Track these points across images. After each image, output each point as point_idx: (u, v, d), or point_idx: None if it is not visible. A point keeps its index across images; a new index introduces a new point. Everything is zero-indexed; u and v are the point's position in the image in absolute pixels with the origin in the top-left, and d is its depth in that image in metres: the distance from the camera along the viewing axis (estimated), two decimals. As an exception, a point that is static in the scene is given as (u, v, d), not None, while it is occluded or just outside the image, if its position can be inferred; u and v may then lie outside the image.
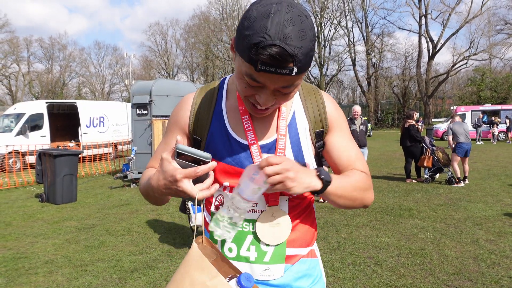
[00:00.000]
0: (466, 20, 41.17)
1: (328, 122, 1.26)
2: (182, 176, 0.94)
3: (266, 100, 1.03)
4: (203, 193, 0.97)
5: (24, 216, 7.10)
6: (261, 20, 0.91)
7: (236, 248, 1.21)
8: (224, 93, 1.27)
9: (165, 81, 11.48)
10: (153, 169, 1.25)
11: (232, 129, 1.21)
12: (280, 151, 1.19)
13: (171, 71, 58.61)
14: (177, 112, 1.30)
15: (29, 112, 15.07)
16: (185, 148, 0.95)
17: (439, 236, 5.35)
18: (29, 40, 54.27)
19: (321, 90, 1.33)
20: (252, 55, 0.92)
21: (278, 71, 0.93)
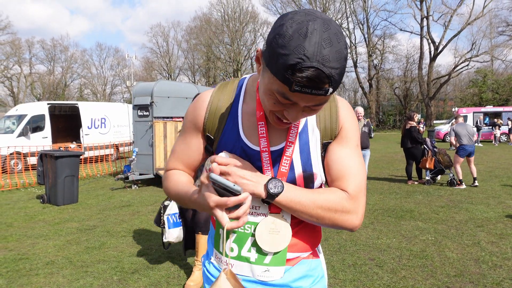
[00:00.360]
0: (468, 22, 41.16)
1: (337, 134, 1.22)
2: (214, 205, 1.01)
3: (295, 117, 1.01)
4: (231, 225, 1.02)
5: (25, 217, 7.11)
6: (298, 39, 0.88)
7: (237, 248, 1.22)
8: (242, 95, 1.26)
9: (167, 83, 11.50)
10: (181, 173, 1.35)
11: (245, 134, 1.21)
12: (286, 158, 1.18)
13: (172, 73, 58.69)
14: (193, 110, 1.30)
15: (31, 113, 15.09)
16: (217, 178, 0.99)
17: (441, 238, 5.34)
18: (31, 41, 54.44)
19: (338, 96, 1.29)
20: (288, 76, 0.89)
21: (313, 92, 0.91)
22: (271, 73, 0.94)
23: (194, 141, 1.31)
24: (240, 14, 52.11)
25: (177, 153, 1.36)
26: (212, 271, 1.34)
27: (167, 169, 1.38)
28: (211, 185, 1.02)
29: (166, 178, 1.35)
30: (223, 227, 1.01)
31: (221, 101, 1.26)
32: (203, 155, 1.33)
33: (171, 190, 1.29)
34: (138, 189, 9.94)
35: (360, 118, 8.97)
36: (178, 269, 4.41)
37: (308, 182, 1.21)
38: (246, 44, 53.61)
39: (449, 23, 42.44)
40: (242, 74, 52.00)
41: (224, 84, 1.31)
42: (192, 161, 1.34)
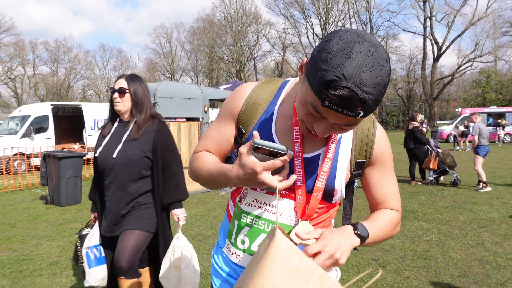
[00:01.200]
0: (471, 22, 41.04)
1: (372, 156, 1.27)
2: (261, 169, 1.00)
3: (323, 131, 1.03)
4: (283, 184, 1.03)
5: (29, 218, 7.12)
6: (340, 58, 0.89)
7: (248, 241, 1.25)
8: (282, 97, 1.27)
9: (170, 83, 11.49)
10: (213, 155, 1.34)
11: (277, 134, 1.23)
12: (323, 173, 1.20)
13: (175, 74, 58.77)
14: (232, 99, 1.32)
15: (34, 114, 15.13)
16: (262, 142, 1.00)
17: (444, 238, 5.32)
18: (34, 43, 54.59)
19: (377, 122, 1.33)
20: (322, 90, 0.91)
21: (344, 112, 0.92)
22: (308, 84, 0.97)
23: (227, 130, 1.33)
24: (243, 15, 52.14)
25: (209, 137, 1.36)
26: (220, 263, 1.38)
27: (197, 151, 1.38)
28: (252, 153, 1.02)
29: (196, 158, 1.33)
30: (275, 189, 1.01)
31: (260, 97, 1.28)
32: (232, 146, 1.35)
33: (203, 168, 1.26)
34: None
35: None
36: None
37: (327, 196, 1.23)
38: (249, 45, 53.64)
39: (452, 23, 42.33)
40: (245, 75, 52.05)
41: (268, 81, 1.33)
42: (222, 148, 1.35)
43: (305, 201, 1.21)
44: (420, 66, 45.84)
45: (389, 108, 51.58)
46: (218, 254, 1.42)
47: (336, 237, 1.08)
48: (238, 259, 1.28)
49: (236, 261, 1.30)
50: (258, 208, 1.25)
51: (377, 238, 1.23)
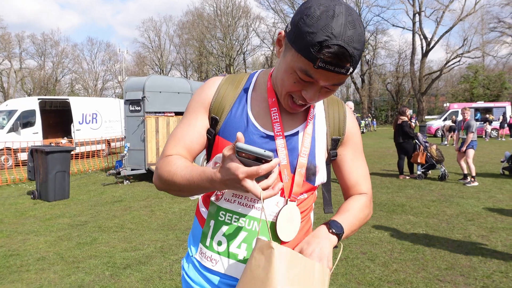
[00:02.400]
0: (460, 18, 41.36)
1: (345, 132, 1.30)
2: (244, 176, 0.91)
3: (313, 96, 1.07)
4: (267, 193, 0.94)
5: (16, 213, 7.05)
6: (325, 19, 0.95)
7: (226, 242, 1.18)
8: (253, 84, 1.28)
9: (158, 77, 11.42)
10: (185, 159, 1.18)
11: (254, 116, 1.21)
12: (305, 149, 1.20)
13: (164, 68, 58.42)
14: (201, 91, 1.29)
15: (21, 108, 14.94)
16: (244, 147, 0.90)
17: (432, 231, 5.37)
18: (21, 36, 53.78)
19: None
20: (313, 52, 0.96)
21: (336, 70, 0.98)
22: (295, 51, 1.00)
23: (198, 123, 1.25)
24: (233, 9, 51.92)
25: (178, 136, 1.25)
26: (192, 274, 1.28)
27: (166, 155, 1.22)
28: (236, 157, 0.93)
29: (168, 163, 1.16)
30: (259, 198, 0.92)
31: (230, 86, 1.27)
32: (205, 140, 1.26)
33: (177, 174, 1.10)
34: (130, 184, 9.89)
35: None
36: (171, 264, 4.40)
37: (309, 174, 1.22)
38: (238, 39, 53.47)
39: (441, 19, 42.61)
40: (234, 69, 51.91)
41: (234, 75, 1.33)
42: (194, 144, 1.24)
43: (291, 181, 1.19)
44: (409, 61, 46.14)
45: (378, 103, 51.88)
46: (188, 262, 1.31)
47: (316, 246, 1.09)
48: (214, 263, 1.19)
49: (210, 266, 1.20)
50: (239, 204, 1.18)
51: (353, 228, 1.25)
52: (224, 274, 1.18)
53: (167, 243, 5.10)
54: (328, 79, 1.01)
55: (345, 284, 3.80)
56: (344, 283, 3.83)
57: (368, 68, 48.45)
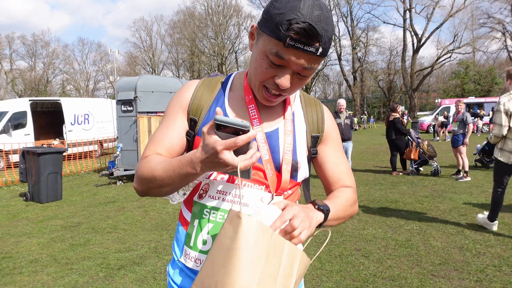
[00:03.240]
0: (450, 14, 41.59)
1: (324, 130, 1.32)
2: (222, 148, 0.92)
3: (285, 80, 1.08)
4: (245, 163, 0.94)
5: (8, 216, 6.99)
6: (294, 2, 1.00)
7: (211, 240, 1.16)
8: (229, 85, 1.30)
9: (150, 77, 11.38)
10: (164, 157, 1.17)
11: (232, 116, 1.22)
12: (288, 145, 1.21)
13: (156, 67, 58.19)
14: (179, 94, 1.30)
15: (12, 110, 14.80)
16: (222, 118, 0.93)
17: (425, 227, 5.40)
18: (11, 37, 53.36)
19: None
20: (283, 31, 1.00)
21: (305, 48, 1.01)
22: (267, 35, 1.05)
23: (177, 125, 1.24)
24: (224, 8, 51.77)
25: (157, 139, 1.24)
26: (177, 279, 1.26)
27: (145, 156, 1.21)
28: (215, 132, 0.94)
29: (147, 161, 1.15)
30: (237, 168, 0.93)
31: (207, 88, 1.29)
32: (184, 142, 1.25)
33: (157, 168, 1.09)
34: (123, 185, 9.85)
35: (342, 110, 9.04)
36: (165, 264, 4.39)
37: (292, 172, 1.22)
38: (230, 38, 53.34)
39: (431, 15, 42.80)
40: (226, 68, 51.80)
41: (211, 77, 1.35)
42: (174, 145, 1.23)
43: (277, 177, 1.19)
44: (400, 58, 46.34)
45: (370, 100, 52.03)
46: (174, 268, 1.30)
47: (301, 210, 1.05)
48: (198, 263, 1.17)
49: (195, 267, 1.19)
50: (223, 201, 1.18)
51: (338, 213, 1.22)
52: None
53: (161, 243, 5.08)
54: (298, 58, 1.03)
55: (339, 281, 3.80)
56: (339, 280, 3.84)
57: (359, 65, 48.55)
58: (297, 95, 1.35)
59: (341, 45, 48.78)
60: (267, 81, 1.11)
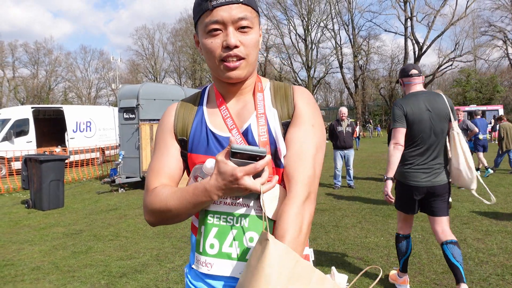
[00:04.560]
0: (451, 22, 41.75)
1: (294, 113, 1.25)
2: (243, 174, 0.97)
3: (232, 38, 1.12)
4: (267, 186, 1.01)
5: (10, 223, 6.99)
6: None
7: (218, 244, 1.17)
8: (205, 97, 1.36)
9: (152, 85, 11.42)
10: (171, 186, 1.20)
11: (212, 124, 1.26)
12: (261, 127, 1.20)
13: (158, 75, 58.41)
14: (162, 121, 1.36)
15: (15, 117, 14.85)
16: (240, 147, 0.97)
17: (428, 235, 5.39)
18: (14, 45, 53.78)
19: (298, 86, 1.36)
20: (204, 1, 1.13)
21: (227, 1, 1.11)
22: (199, 21, 1.18)
23: (171, 149, 1.30)
24: (226, 16, 51.97)
25: (157, 168, 1.27)
26: (193, 280, 1.27)
27: (150, 190, 1.23)
28: (230, 159, 0.99)
29: (154, 195, 1.19)
30: (260, 193, 1.00)
31: (187, 107, 1.35)
32: (181, 163, 1.30)
33: (168, 201, 1.14)
34: (125, 192, 9.85)
35: (343, 118, 9.06)
36: (167, 272, 4.38)
37: (275, 159, 1.20)
38: (232, 46, 53.50)
39: (432, 23, 42.98)
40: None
41: (188, 97, 1.42)
42: (173, 170, 1.27)
43: None
44: (401, 65, 46.38)
45: (371, 108, 52.11)
46: (190, 273, 1.30)
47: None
48: (209, 267, 1.17)
49: (207, 271, 1.18)
50: (224, 204, 1.18)
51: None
52: (223, 276, 1.17)
53: (163, 251, 5.07)
54: (227, 13, 1.11)
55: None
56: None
57: (361, 73, 48.69)
58: (268, 85, 1.33)
59: (343, 53, 49.01)
60: (220, 53, 1.15)
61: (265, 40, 50.90)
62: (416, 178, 3.42)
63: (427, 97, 3.44)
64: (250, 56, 1.18)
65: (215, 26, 1.13)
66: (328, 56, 50.26)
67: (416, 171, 3.43)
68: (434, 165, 3.42)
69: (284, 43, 50.30)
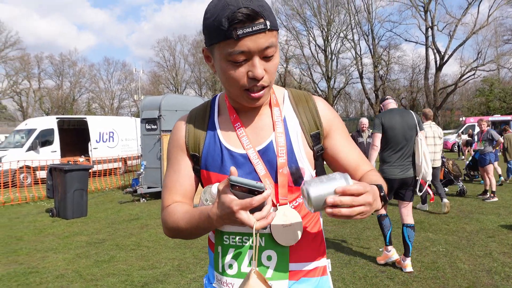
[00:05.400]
0: (473, 31, 41.11)
1: (322, 124, 1.26)
2: (238, 208, 0.95)
3: (259, 69, 1.06)
4: (261, 223, 0.97)
5: (35, 231, 7.14)
6: (220, 2, 1.03)
7: (236, 264, 1.18)
8: (216, 109, 1.31)
9: (174, 96, 11.58)
10: (182, 204, 1.23)
11: (226, 140, 1.23)
12: (281, 148, 1.19)
13: (179, 86, 58.99)
14: (173, 136, 1.33)
15: (40, 127, 15.22)
16: (237, 179, 0.94)
17: (452, 249, 5.29)
18: (40, 57, 55.11)
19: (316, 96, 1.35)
20: (226, 27, 1.01)
21: (255, 29, 1.01)
22: (217, 44, 1.06)
23: (182, 165, 1.29)
24: (246, 27, 52.32)
25: (170, 186, 1.29)
26: None
27: (165, 206, 1.27)
28: (229, 191, 0.97)
29: (169, 213, 1.22)
30: (252, 229, 0.96)
31: (197, 119, 1.31)
32: (195, 179, 1.30)
33: (180, 223, 1.16)
34: (147, 202, 9.96)
35: (364, 129, 9.00)
36: (188, 282, 4.40)
37: (296, 178, 1.20)
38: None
39: (454, 32, 42.39)
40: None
41: (197, 107, 1.37)
42: (186, 187, 1.28)
43: (275, 186, 1.17)
44: (422, 75, 45.83)
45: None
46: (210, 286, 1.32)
47: (375, 196, 1.03)
48: (231, 286, 1.19)
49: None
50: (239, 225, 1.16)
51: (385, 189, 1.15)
52: None
53: (184, 261, 5.10)
54: (255, 43, 1.03)
55: (364, 303, 3.75)
56: (364, 301, 3.78)
57: (381, 83, 48.28)
58: (286, 95, 1.31)
59: (363, 63, 48.64)
60: (245, 84, 1.09)
61: (285, 51, 51.02)
62: (393, 173, 4.54)
63: (401, 112, 4.74)
64: (273, 80, 1.15)
65: (240, 58, 1.05)
66: (348, 66, 50.00)
67: (393, 167, 4.57)
68: (405, 162, 4.58)
69: (303, 54, 50.28)
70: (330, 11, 47.50)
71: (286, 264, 1.17)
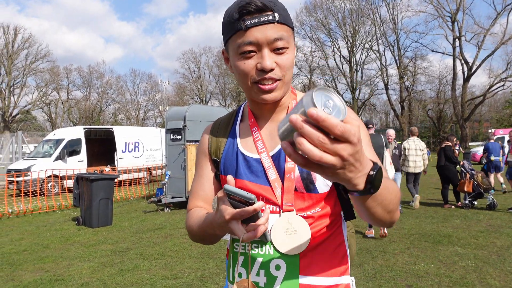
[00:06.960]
0: (502, 42, 40.25)
1: None
2: (229, 218, 0.95)
3: (267, 60, 1.07)
4: (247, 236, 0.95)
5: (61, 239, 7.25)
6: (235, 2, 1.08)
7: (245, 273, 1.16)
8: (240, 116, 1.33)
9: (199, 107, 11.68)
10: (200, 209, 1.26)
11: (242, 146, 1.24)
12: None
13: (204, 97, 59.60)
14: (200, 141, 1.38)
15: (68, 137, 15.59)
16: (230, 188, 0.94)
17: (481, 264, 5.12)
18: (68, 69, 56.68)
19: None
20: (236, 19, 1.06)
21: (262, 20, 1.04)
22: (230, 40, 1.11)
23: (205, 170, 1.32)
24: (270, 39, 52.62)
25: (193, 191, 1.34)
26: None
27: (188, 211, 1.33)
28: (227, 199, 0.97)
29: (188, 218, 1.27)
30: (240, 239, 0.94)
31: (221, 125, 1.34)
32: (215, 184, 1.31)
33: (194, 227, 1.20)
34: (171, 212, 10.01)
35: (391, 141, 8.92)
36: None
37: (307, 183, 1.14)
38: (276, 68, 53.94)
39: (482, 43, 41.61)
40: (272, 97, 52.13)
41: (225, 114, 1.41)
42: (207, 192, 1.30)
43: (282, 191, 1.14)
44: (450, 86, 45.05)
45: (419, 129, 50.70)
46: None
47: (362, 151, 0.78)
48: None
49: None
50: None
51: (385, 188, 0.90)
52: None
53: (207, 272, 5.09)
54: (264, 34, 1.05)
55: (390, 318, 3.65)
56: (390, 317, 3.69)
57: (407, 94, 47.67)
58: None
59: (388, 74, 48.18)
60: (254, 76, 1.09)
61: (309, 62, 51.01)
62: None
63: (374, 136, 6.52)
64: (286, 76, 1.13)
65: (249, 48, 1.07)
66: (373, 77, 49.63)
67: None
68: None
69: (328, 65, 50.17)
70: (355, 22, 47.38)
71: (296, 276, 1.12)
